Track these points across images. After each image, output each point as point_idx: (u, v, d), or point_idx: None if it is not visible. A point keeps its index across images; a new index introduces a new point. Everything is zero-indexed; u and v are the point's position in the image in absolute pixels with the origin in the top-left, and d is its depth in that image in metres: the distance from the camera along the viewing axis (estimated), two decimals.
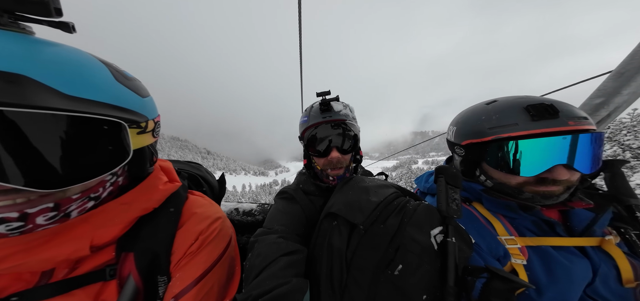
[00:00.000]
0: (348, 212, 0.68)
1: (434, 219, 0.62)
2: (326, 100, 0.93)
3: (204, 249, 0.61)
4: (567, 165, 0.67)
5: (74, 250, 0.46)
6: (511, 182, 0.74)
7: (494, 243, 0.73)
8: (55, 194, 0.43)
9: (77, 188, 0.45)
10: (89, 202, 0.49)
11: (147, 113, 0.56)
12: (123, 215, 0.53)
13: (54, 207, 0.43)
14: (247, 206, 1.29)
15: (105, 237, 0.50)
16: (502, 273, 0.49)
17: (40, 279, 0.49)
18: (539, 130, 0.67)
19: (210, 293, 0.59)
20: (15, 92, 0.35)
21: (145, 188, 0.58)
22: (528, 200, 0.73)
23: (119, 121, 0.46)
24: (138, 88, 0.55)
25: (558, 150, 0.66)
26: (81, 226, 0.48)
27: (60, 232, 0.46)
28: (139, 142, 0.54)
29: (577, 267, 0.67)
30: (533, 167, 0.69)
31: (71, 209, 0.46)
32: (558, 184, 0.69)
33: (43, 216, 0.42)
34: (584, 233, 0.72)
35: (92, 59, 0.47)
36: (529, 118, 0.69)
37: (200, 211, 0.66)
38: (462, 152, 0.86)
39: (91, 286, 0.51)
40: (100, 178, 0.47)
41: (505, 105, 0.76)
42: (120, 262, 0.53)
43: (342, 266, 0.61)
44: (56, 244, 0.45)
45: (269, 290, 0.54)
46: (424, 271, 0.54)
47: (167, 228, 0.59)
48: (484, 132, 0.76)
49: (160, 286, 0.56)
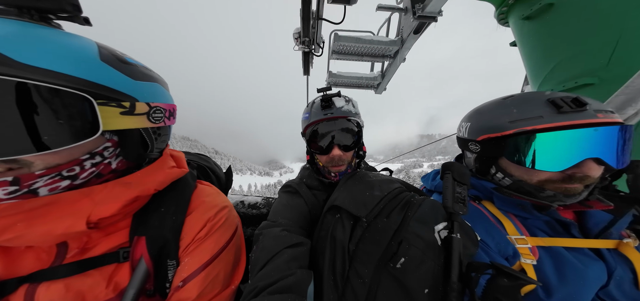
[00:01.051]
0: (351, 205, 0.68)
1: (438, 215, 0.61)
2: (327, 96, 0.92)
3: (211, 236, 0.63)
4: (597, 159, 0.63)
5: (70, 225, 0.47)
6: (533, 179, 0.71)
7: (503, 242, 0.71)
8: (11, 167, 0.42)
9: (40, 164, 0.43)
10: (63, 181, 0.47)
11: (137, 95, 0.53)
12: (123, 194, 0.53)
13: (12, 181, 0.42)
14: (253, 199, 1.32)
15: (103, 213, 0.50)
16: (507, 270, 0.49)
17: (55, 259, 0.51)
18: (568, 122, 0.63)
19: (217, 279, 0.61)
20: None
21: (150, 171, 0.59)
22: (548, 199, 0.69)
23: (81, 94, 0.44)
24: (132, 72, 0.53)
25: (589, 142, 0.62)
26: (82, 202, 0.49)
27: (57, 205, 0.46)
28: (123, 123, 0.51)
29: (591, 269, 0.64)
30: (561, 161, 0.64)
31: (37, 185, 0.45)
32: (584, 181, 0.65)
33: (1, 189, 0.42)
34: (599, 235, 0.69)
35: (79, 38, 0.48)
36: (554, 110, 0.66)
37: (208, 199, 0.69)
38: (478, 148, 0.81)
39: (106, 268, 0.54)
40: (67, 155, 0.46)
41: (526, 99, 0.73)
42: (133, 245, 0.56)
43: (344, 259, 0.61)
44: (54, 218, 0.46)
45: (274, 281, 0.55)
46: (427, 267, 0.54)
47: (177, 214, 0.61)
48: (504, 126, 0.72)
49: (170, 270, 0.58)
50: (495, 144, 0.75)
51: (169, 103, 0.63)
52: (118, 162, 0.56)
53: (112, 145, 0.53)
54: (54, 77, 0.41)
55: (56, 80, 0.42)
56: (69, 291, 0.50)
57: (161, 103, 0.59)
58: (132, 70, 0.54)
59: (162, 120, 0.59)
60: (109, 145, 0.52)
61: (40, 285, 0.49)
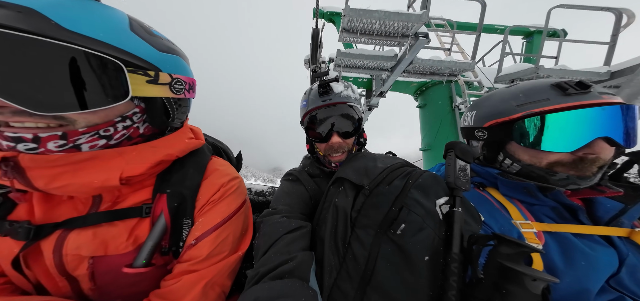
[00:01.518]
0: (354, 175, 0.70)
1: (439, 188, 0.62)
2: (325, 81, 0.88)
3: (224, 200, 0.68)
4: (607, 139, 0.64)
5: (106, 178, 0.52)
6: (542, 162, 0.71)
7: (507, 225, 0.70)
8: (61, 123, 0.48)
9: (82, 121, 0.49)
10: (100, 139, 0.53)
11: (161, 66, 0.58)
12: (150, 156, 0.59)
13: (62, 135, 0.48)
14: (259, 187, 1.40)
15: (133, 171, 0.56)
16: (509, 238, 0.48)
17: (90, 208, 0.57)
18: (575, 102, 0.65)
19: (226, 241, 0.65)
20: (20, 19, 0.41)
21: (172, 139, 0.65)
22: (561, 182, 0.69)
23: (114, 60, 0.49)
24: (157, 44, 0.58)
25: (598, 121, 0.63)
26: (116, 160, 0.54)
27: (97, 161, 0.52)
28: (149, 91, 0.56)
29: (601, 255, 0.63)
30: (573, 141, 0.65)
31: (80, 142, 0.51)
32: (596, 162, 0.65)
33: (53, 142, 0.48)
34: (610, 223, 0.68)
35: (113, 10, 0.53)
36: (560, 93, 0.67)
37: (222, 168, 0.74)
38: (485, 135, 0.82)
39: (129, 220, 0.59)
40: (104, 115, 0.52)
41: (531, 84, 0.74)
42: (155, 202, 0.61)
43: (346, 225, 0.62)
44: (93, 171, 0.52)
45: (275, 266, 0.55)
46: (426, 234, 0.55)
47: (194, 177, 0.67)
48: (511, 110, 0.74)
49: (185, 228, 0.63)
50: (503, 129, 0.76)
51: (189, 77, 0.68)
52: (145, 128, 0.62)
53: (139, 111, 0.59)
54: (94, 44, 0.46)
55: (96, 46, 0.47)
56: (95, 238, 0.55)
57: (182, 76, 0.64)
58: (157, 42, 0.58)
59: (182, 91, 0.64)
60: (137, 110, 0.58)
61: (72, 231, 0.54)
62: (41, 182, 0.49)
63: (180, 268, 0.60)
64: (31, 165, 0.48)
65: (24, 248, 0.52)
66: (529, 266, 0.50)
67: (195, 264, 0.60)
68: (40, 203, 0.55)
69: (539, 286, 0.44)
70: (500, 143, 0.80)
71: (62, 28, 0.43)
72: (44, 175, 0.48)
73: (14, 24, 0.40)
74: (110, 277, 0.57)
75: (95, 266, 0.55)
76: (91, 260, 0.55)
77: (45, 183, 0.49)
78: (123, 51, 0.50)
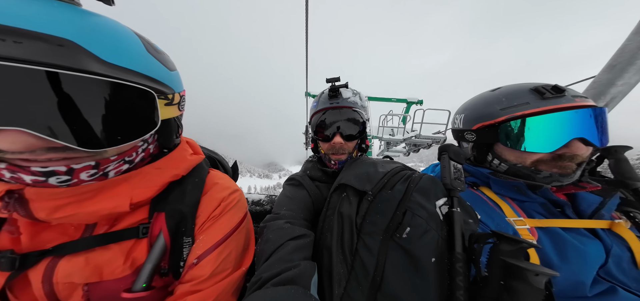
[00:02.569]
0: (357, 182, 0.70)
1: (438, 190, 0.64)
2: (335, 87, 0.95)
3: (225, 215, 0.66)
4: (582, 139, 0.69)
5: (115, 205, 0.51)
6: (526, 161, 0.76)
7: (502, 223, 0.74)
8: (98, 155, 0.48)
9: (113, 151, 0.49)
10: (124, 165, 0.54)
11: (174, 86, 0.59)
12: (157, 178, 0.58)
13: (94, 165, 0.48)
14: (256, 196, 1.37)
15: (143, 196, 0.55)
16: (508, 235, 0.50)
17: (83, 233, 0.54)
18: (551, 106, 0.70)
19: (229, 258, 0.63)
20: (63, 55, 0.38)
21: (174, 157, 0.64)
22: (545, 179, 0.74)
23: (150, 90, 0.50)
24: (166, 61, 0.58)
25: (573, 123, 0.69)
26: (122, 186, 0.53)
27: (105, 189, 0.51)
28: (166, 113, 0.57)
29: (590, 248, 0.67)
30: (552, 142, 0.70)
31: (109, 169, 0.51)
32: (574, 159, 0.71)
33: (86, 172, 0.47)
34: (593, 215, 0.73)
35: (127, 30, 0.51)
36: (538, 97, 0.72)
37: (221, 182, 0.72)
38: (473, 137, 0.87)
39: (125, 243, 0.56)
40: (133, 143, 0.52)
41: (512, 89, 0.80)
42: (153, 221, 0.58)
43: (352, 232, 0.63)
44: (101, 199, 0.50)
45: (278, 272, 0.55)
46: (431, 236, 0.56)
47: (193, 193, 0.64)
48: (495, 113, 0.79)
49: (185, 247, 0.60)
50: (489, 131, 0.82)
51: (184, 90, 0.67)
52: (154, 147, 0.62)
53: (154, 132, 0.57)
54: (131, 75, 0.46)
55: (133, 78, 0.46)
56: (88, 264, 0.51)
57: (184, 91, 0.64)
58: (165, 60, 0.58)
59: (184, 107, 0.64)
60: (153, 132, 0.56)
61: (62, 258, 0.50)
62: (43, 214, 0.46)
63: (182, 289, 0.57)
64: (35, 198, 0.45)
65: (9, 280, 0.48)
66: (530, 262, 0.52)
67: (198, 284, 0.57)
68: (26, 228, 0.51)
69: (541, 280, 0.46)
70: (488, 144, 0.84)
71: (103, 62, 0.42)
72: (47, 206, 0.46)
73: (57, 62, 0.37)
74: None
75: (90, 293, 0.52)
76: (86, 287, 0.51)
77: (47, 214, 0.46)
78: (152, 79, 0.51)
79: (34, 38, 0.36)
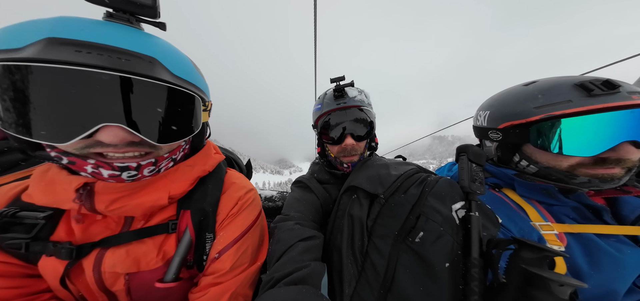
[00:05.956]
0: (368, 184, 0.70)
1: (455, 193, 0.62)
2: (340, 86, 0.90)
3: (242, 213, 0.71)
4: (634, 142, 0.60)
5: (157, 198, 0.58)
6: (562, 165, 0.68)
7: (526, 228, 0.69)
8: (157, 151, 0.55)
9: (167, 148, 0.57)
10: (170, 162, 0.61)
11: (208, 93, 0.68)
12: (189, 174, 0.65)
13: (154, 162, 0.55)
14: (268, 193, 1.43)
15: (178, 190, 0.61)
16: (530, 242, 0.47)
17: (122, 227, 0.61)
18: (601, 105, 0.61)
19: (246, 253, 0.68)
20: (151, 69, 0.48)
21: (202, 155, 0.71)
22: (582, 185, 0.66)
23: (199, 97, 0.59)
24: (201, 74, 0.65)
25: (626, 125, 0.60)
26: (161, 182, 0.60)
27: (148, 185, 0.58)
28: (204, 118, 0.66)
29: (628, 256, 0.61)
30: (596, 145, 0.62)
31: (162, 165, 0.58)
32: (621, 164, 0.62)
33: (147, 168, 0.55)
34: (637, 222, 0.66)
35: (180, 51, 0.60)
36: (584, 94, 0.63)
37: (238, 182, 0.77)
38: (499, 136, 0.79)
39: (157, 237, 0.62)
40: (179, 142, 0.59)
41: (552, 84, 0.70)
42: (180, 218, 0.64)
43: (363, 234, 0.63)
44: (145, 193, 0.57)
45: (290, 272, 0.57)
46: (446, 241, 0.55)
47: (214, 192, 0.70)
48: (529, 112, 0.70)
49: (208, 242, 0.66)
50: (520, 131, 0.73)
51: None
52: (187, 148, 0.69)
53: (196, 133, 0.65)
54: (190, 86, 0.56)
55: (192, 88, 0.56)
56: (128, 256, 0.58)
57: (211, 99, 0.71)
58: (201, 72, 0.65)
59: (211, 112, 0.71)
60: None
61: (108, 249, 0.58)
62: (102, 205, 0.53)
63: (206, 280, 0.63)
64: (102, 191, 0.53)
65: (68, 267, 0.55)
66: (554, 272, 0.49)
67: (219, 277, 0.62)
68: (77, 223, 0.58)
69: (566, 291, 0.43)
70: (516, 145, 0.77)
71: (174, 75, 0.52)
72: (106, 199, 0.54)
73: (149, 73, 0.47)
74: (144, 291, 0.60)
75: (130, 282, 0.59)
76: (127, 277, 0.58)
77: (105, 206, 0.54)
78: (199, 88, 0.60)
79: (135, 57, 0.47)
